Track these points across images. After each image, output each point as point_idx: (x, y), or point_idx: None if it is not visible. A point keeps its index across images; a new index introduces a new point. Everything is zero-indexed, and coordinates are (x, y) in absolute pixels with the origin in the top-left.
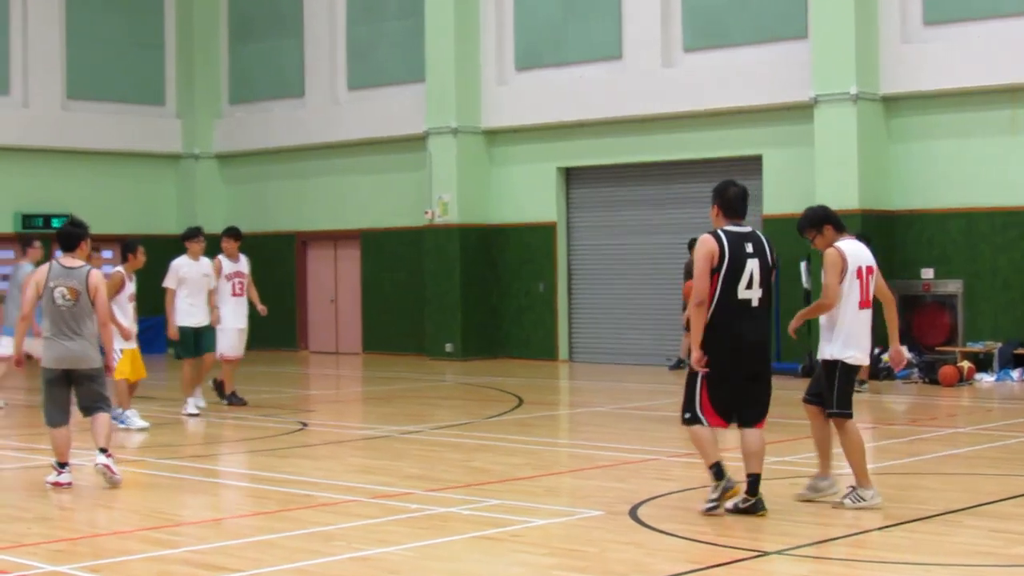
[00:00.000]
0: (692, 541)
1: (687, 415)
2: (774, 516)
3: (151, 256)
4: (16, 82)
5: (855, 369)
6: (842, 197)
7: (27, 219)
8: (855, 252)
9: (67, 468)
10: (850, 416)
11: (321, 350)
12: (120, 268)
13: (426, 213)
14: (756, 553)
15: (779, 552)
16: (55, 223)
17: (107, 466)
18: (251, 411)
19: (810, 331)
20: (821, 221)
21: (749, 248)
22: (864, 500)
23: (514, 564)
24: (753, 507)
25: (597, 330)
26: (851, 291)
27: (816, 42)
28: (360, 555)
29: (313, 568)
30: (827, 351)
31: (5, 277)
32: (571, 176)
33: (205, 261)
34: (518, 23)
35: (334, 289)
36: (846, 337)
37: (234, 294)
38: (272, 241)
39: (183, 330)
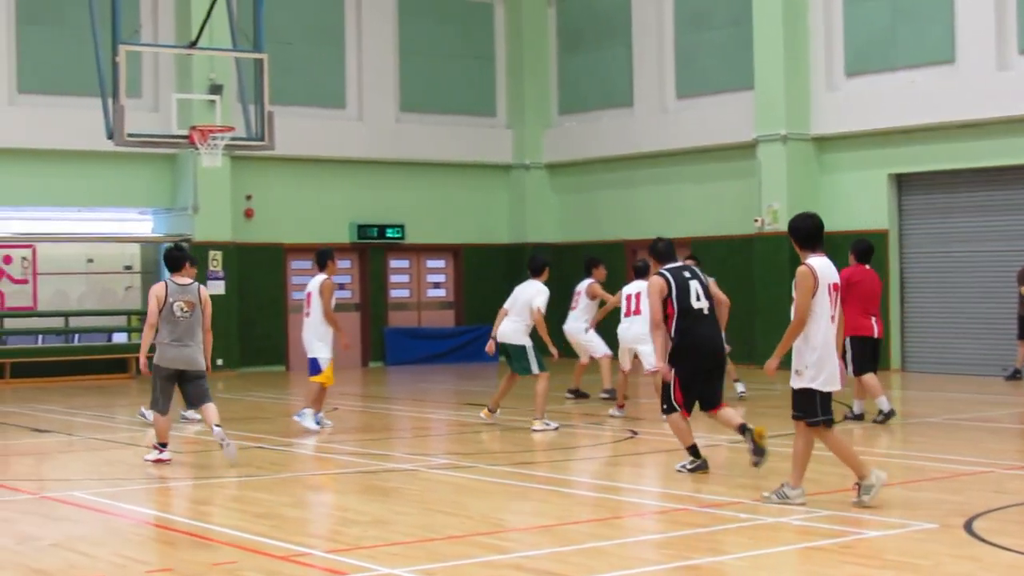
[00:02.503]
0: None
1: (664, 406)
2: None
3: (480, 266)
4: (351, 96)
5: (827, 394)
6: None
7: (362, 229)
8: (825, 269)
9: (167, 447)
10: (801, 418)
11: None
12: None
13: (755, 221)
14: None
15: None
16: (389, 234)
17: (224, 435)
18: (581, 419)
19: None
20: (790, 230)
21: (687, 274)
22: (789, 497)
23: None
24: (700, 466)
25: (930, 339)
26: (823, 307)
27: None
28: (691, 563)
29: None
30: (796, 382)
31: (342, 286)
32: (902, 182)
33: None
34: (848, 28)
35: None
36: (819, 360)
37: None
38: (601, 250)
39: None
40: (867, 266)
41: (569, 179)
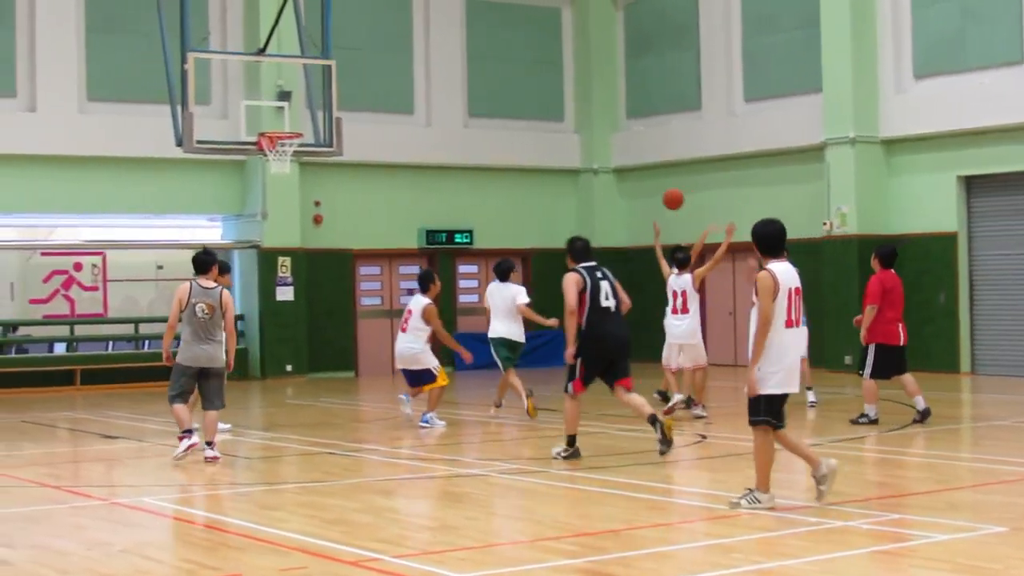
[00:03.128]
0: None
1: (568, 387)
2: None
3: (548, 270)
4: (419, 102)
5: (776, 397)
6: None
7: (430, 235)
8: (786, 274)
9: (193, 431)
10: (759, 424)
11: (720, 363)
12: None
13: (824, 224)
14: None
15: None
16: (458, 239)
17: (214, 457)
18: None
19: None
20: (753, 236)
21: (599, 275)
22: (760, 502)
23: None
24: (573, 455)
25: (1001, 342)
26: (780, 311)
27: None
28: (759, 568)
29: None
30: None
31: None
32: (972, 185)
33: None
34: (916, 30)
35: (732, 301)
36: (771, 363)
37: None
38: (667, 254)
39: None
40: (892, 270)
41: (637, 183)
